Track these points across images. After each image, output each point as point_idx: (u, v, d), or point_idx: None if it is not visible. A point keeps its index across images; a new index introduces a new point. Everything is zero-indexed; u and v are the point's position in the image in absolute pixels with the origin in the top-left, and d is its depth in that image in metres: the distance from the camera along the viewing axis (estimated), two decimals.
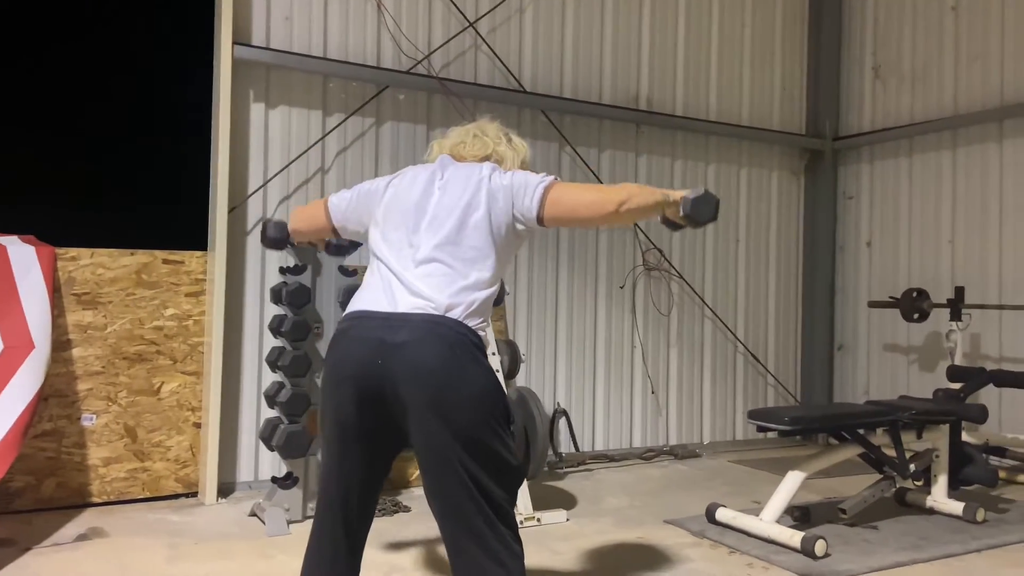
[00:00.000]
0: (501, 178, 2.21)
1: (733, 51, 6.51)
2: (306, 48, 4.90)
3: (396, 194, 2.28)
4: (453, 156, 2.38)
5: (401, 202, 2.25)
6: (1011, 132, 5.75)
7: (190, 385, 4.55)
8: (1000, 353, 5.74)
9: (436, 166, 2.33)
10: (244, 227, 4.73)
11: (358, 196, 2.38)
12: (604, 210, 2.08)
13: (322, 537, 2.14)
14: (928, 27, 6.33)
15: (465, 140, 2.39)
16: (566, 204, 2.11)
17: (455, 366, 1.98)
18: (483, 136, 2.39)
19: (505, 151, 2.39)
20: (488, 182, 2.20)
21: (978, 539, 3.98)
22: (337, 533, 2.12)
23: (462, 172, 2.26)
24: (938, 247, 6.20)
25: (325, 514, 2.13)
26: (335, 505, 2.11)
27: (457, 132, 2.44)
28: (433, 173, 2.29)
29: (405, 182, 2.30)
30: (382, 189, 2.33)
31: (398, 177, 2.35)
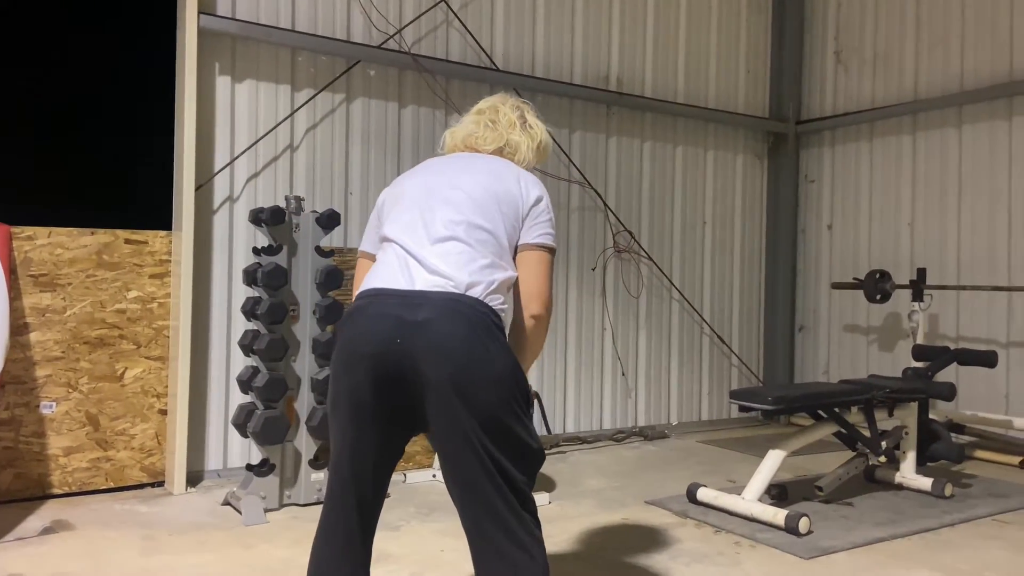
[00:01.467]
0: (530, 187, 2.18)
1: (700, 34, 6.52)
2: (274, 20, 4.71)
3: (405, 185, 2.23)
4: (467, 149, 2.32)
5: (412, 188, 2.19)
6: (970, 118, 5.89)
7: (155, 370, 4.37)
8: (958, 332, 5.91)
9: (450, 156, 2.29)
10: (211, 206, 4.54)
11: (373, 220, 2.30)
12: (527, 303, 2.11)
13: (335, 521, 2.04)
14: (890, 13, 6.43)
15: (477, 132, 2.32)
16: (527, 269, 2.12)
17: (476, 345, 1.91)
18: (496, 126, 2.32)
19: (519, 140, 2.32)
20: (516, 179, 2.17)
21: (949, 513, 4.09)
22: (351, 516, 2.03)
23: (480, 161, 2.22)
24: (898, 230, 6.34)
25: (338, 497, 2.04)
26: (348, 487, 2.02)
27: (470, 121, 2.36)
28: (447, 162, 2.25)
29: (418, 172, 2.26)
30: (387, 193, 2.29)
31: (408, 172, 2.32)
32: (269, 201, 4.69)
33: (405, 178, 2.27)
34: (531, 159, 2.37)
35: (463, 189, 2.12)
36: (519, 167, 2.26)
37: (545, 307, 2.13)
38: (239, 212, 4.62)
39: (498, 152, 2.32)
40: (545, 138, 2.41)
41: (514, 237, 2.13)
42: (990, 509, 4.18)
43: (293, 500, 4.04)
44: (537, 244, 2.14)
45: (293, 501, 4.04)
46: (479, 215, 2.08)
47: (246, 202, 4.65)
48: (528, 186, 2.18)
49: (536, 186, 2.20)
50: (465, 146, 2.34)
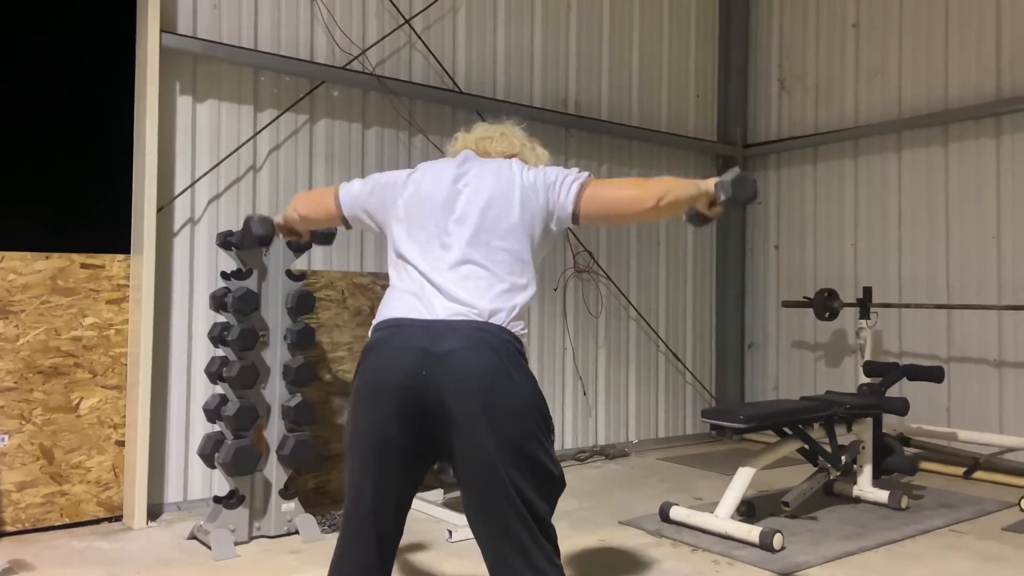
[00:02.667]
0: (534, 175, 2.14)
1: (652, 60, 6.67)
2: (236, 39, 4.62)
3: (418, 190, 2.17)
4: (477, 151, 2.29)
5: (425, 199, 2.14)
6: (908, 143, 6.18)
7: (112, 400, 4.19)
8: (900, 348, 6.16)
9: (460, 161, 2.23)
10: (171, 229, 4.41)
11: (373, 188, 2.26)
12: (643, 206, 2.02)
13: (352, 558, 2.00)
14: (831, 43, 6.71)
15: (492, 136, 2.31)
16: (604, 200, 2.06)
17: (503, 375, 1.91)
18: (510, 136, 2.33)
19: (528, 154, 2.33)
20: (520, 179, 2.12)
21: (908, 525, 4.24)
22: (369, 552, 2.00)
23: (490, 168, 2.18)
24: (842, 250, 6.59)
25: (356, 533, 2.00)
26: (367, 523, 1.98)
27: (483, 127, 2.36)
28: (458, 168, 2.19)
29: (427, 177, 2.20)
30: (402, 182, 2.22)
31: (418, 172, 2.24)
32: (232, 223, 4.58)
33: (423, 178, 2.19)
34: None
35: (478, 205, 2.09)
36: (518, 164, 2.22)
37: (654, 191, 2.00)
38: (200, 235, 4.50)
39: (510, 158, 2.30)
40: (548, 161, 2.43)
41: (539, 233, 2.10)
42: (945, 520, 4.35)
43: (263, 532, 3.92)
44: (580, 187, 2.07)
45: (263, 533, 3.92)
46: (495, 233, 2.06)
47: (207, 225, 4.52)
48: (531, 173, 2.16)
49: (543, 171, 2.17)
50: (477, 149, 2.32)
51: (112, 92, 4.39)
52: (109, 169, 4.35)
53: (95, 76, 4.39)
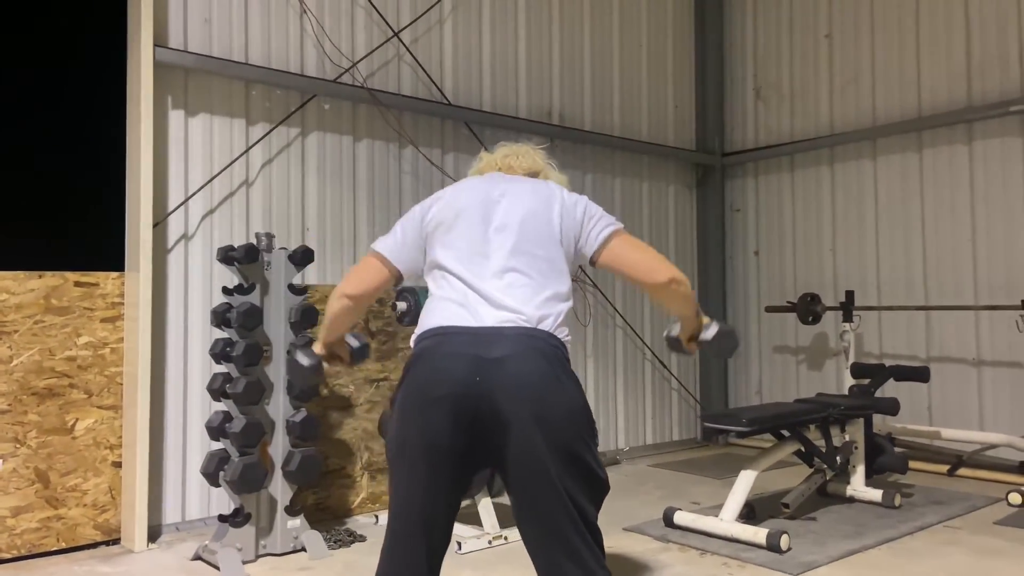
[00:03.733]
0: (574, 200, 2.18)
1: (632, 71, 6.77)
2: (227, 53, 4.58)
3: (451, 204, 2.19)
4: (502, 168, 2.33)
5: (460, 211, 2.16)
6: (883, 150, 6.35)
7: (108, 420, 4.11)
8: (881, 350, 6.31)
9: (491, 177, 2.27)
10: (165, 245, 4.34)
11: (405, 227, 2.25)
12: (655, 278, 2.09)
13: (402, 566, 1.99)
14: (804, 53, 6.88)
15: (516, 153, 2.36)
16: (626, 258, 2.11)
17: (554, 380, 1.93)
18: (532, 154, 2.38)
19: (550, 174, 2.38)
20: (561, 197, 2.17)
21: (904, 523, 4.34)
22: (419, 562, 1.99)
23: (526, 183, 2.23)
24: (821, 255, 6.73)
25: (405, 543, 1.99)
26: (418, 532, 1.98)
27: (506, 147, 2.41)
28: (491, 182, 2.24)
29: (459, 192, 2.23)
30: (428, 206, 2.24)
31: (445, 191, 2.27)
32: (225, 239, 4.53)
33: (453, 198, 2.21)
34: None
35: (518, 215, 2.12)
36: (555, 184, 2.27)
37: (671, 269, 2.10)
38: (194, 251, 4.44)
39: (532, 175, 2.35)
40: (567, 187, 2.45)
41: (572, 253, 2.14)
42: (938, 516, 4.46)
43: (269, 550, 3.87)
44: (611, 234, 2.13)
45: (269, 551, 3.87)
46: (535, 243, 2.09)
47: (202, 240, 4.47)
48: (573, 197, 2.20)
49: (581, 197, 2.22)
50: (502, 167, 2.36)
51: (103, 107, 4.33)
52: (101, 186, 4.28)
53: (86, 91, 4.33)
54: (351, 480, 4.68)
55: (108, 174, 4.25)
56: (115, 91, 4.25)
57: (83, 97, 4.35)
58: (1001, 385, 5.63)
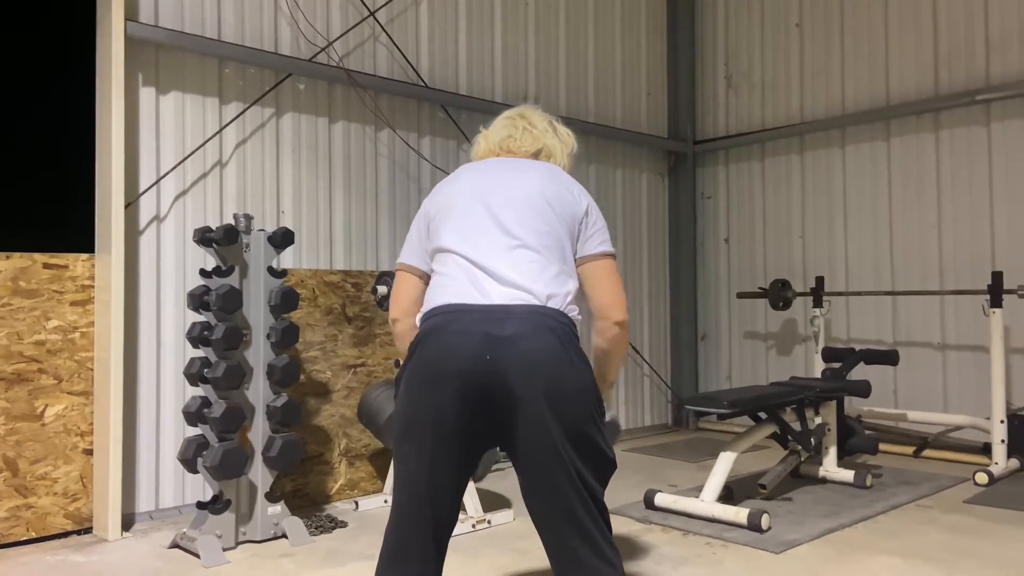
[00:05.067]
0: (581, 195, 2.17)
1: (606, 57, 6.77)
2: (199, 29, 4.46)
3: (449, 193, 2.17)
4: (501, 152, 2.30)
5: (464, 192, 2.13)
6: (852, 138, 6.45)
7: (78, 407, 3.99)
8: (849, 335, 6.43)
9: (492, 162, 2.24)
10: (136, 227, 4.22)
11: (415, 230, 2.23)
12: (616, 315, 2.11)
13: (409, 545, 1.96)
14: (775, 42, 6.95)
15: (514, 134, 2.31)
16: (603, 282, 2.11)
17: (564, 358, 1.91)
18: (531, 129, 2.32)
19: (554, 144, 2.34)
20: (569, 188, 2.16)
21: (877, 502, 4.43)
22: (427, 541, 1.96)
23: (529, 168, 2.19)
24: (790, 242, 6.82)
25: (412, 520, 1.95)
26: (425, 511, 1.95)
27: (503, 125, 2.35)
28: (490, 168, 2.21)
29: (457, 181, 2.20)
30: (428, 201, 2.23)
31: (445, 183, 2.24)
32: (199, 220, 4.42)
33: (448, 185, 2.20)
34: (565, 164, 2.38)
35: (521, 192, 2.09)
36: (564, 172, 2.26)
37: (624, 313, 2.14)
38: (167, 233, 4.32)
39: (535, 156, 2.32)
40: (575, 145, 2.44)
41: (572, 244, 2.13)
42: (909, 496, 4.56)
43: (249, 537, 3.80)
44: (601, 253, 2.14)
45: (249, 538, 3.80)
46: (540, 220, 2.07)
47: (174, 222, 4.35)
48: (579, 194, 2.18)
49: (585, 195, 2.21)
50: (501, 149, 2.32)
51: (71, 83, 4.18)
52: (70, 165, 4.14)
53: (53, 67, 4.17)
54: (329, 467, 4.62)
55: (77, 153, 4.11)
56: (84, 67, 4.11)
57: (50, 73, 4.20)
58: (965, 368, 5.77)
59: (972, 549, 3.59)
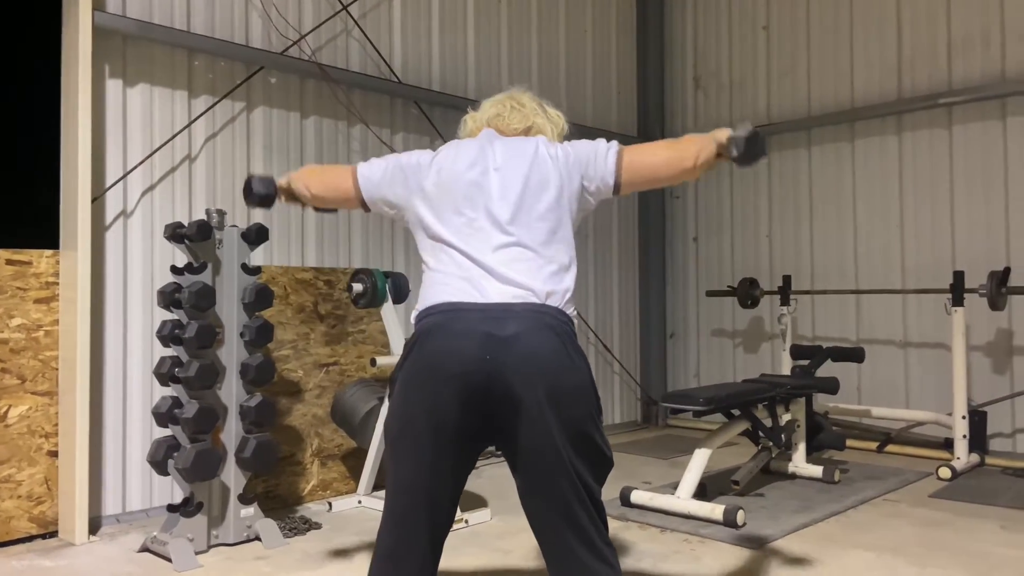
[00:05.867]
0: (565, 152, 2.13)
1: (577, 56, 6.79)
2: (168, 20, 4.35)
3: (447, 172, 2.11)
4: (491, 128, 2.26)
5: (455, 181, 2.09)
6: (817, 139, 6.56)
7: (42, 407, 3.87)
8: (814, 333, 6.53)
9: (482, 141, 2.18)
10: (102, 222, 4.10)
11: (395, 169, 2.18)
12: (683, 165, 2.07)
13: (406, 548, 1.93)
14: (743, 44, 7.03)
15: (502, 112, 2.28)
16: (645, 166, 2.09)
17: (565, 358, 1.90)
18: (521, 108, 2.30)
19: (543, 123, 2.32)
20: (555, 159, 2.11)
21: (846, 497, 4.51)
22: (423, 542, 1.93)
23: (516, 147, 2.14)
24: (757, 241, 6.91)
25: (409, 523, 1.92)
26: (422, 511, 1.92)
27: (491, 104, 2.33)
28: (482, 149, 2.14)
29: (454, 159, 2.14)
30: (427, 164, 2.16)
31: (441, 155, 2.18)
32: (167, 216, 4.32)
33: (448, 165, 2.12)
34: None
35: (515, 185, 2.06)
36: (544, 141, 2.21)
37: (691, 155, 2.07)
38: (134, 229, 4.22)
39: (525, 134, 2.28)
40: (565, 126, 2.42)
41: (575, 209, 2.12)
42: (876, 491, 4.65)
43: (221, 540, 3.72)
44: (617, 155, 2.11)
45: (221, 541, 3.72)
46: (535, 212, 2.04)
47: (141, 218, 4.24)
48: (562, 150, 2.15)
49: (568, 144, 2.18)
50: (490, 127, 2.29)
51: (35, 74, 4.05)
52: (34, 159, 4.01)
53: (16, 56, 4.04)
54: (301, 467, 4.55)
55: (41, 146, 3.98)
56: (49, 57, 3.98)
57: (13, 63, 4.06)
58: (926, 365, 5.91)
59: (942, 542, 3.68)
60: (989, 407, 5.52)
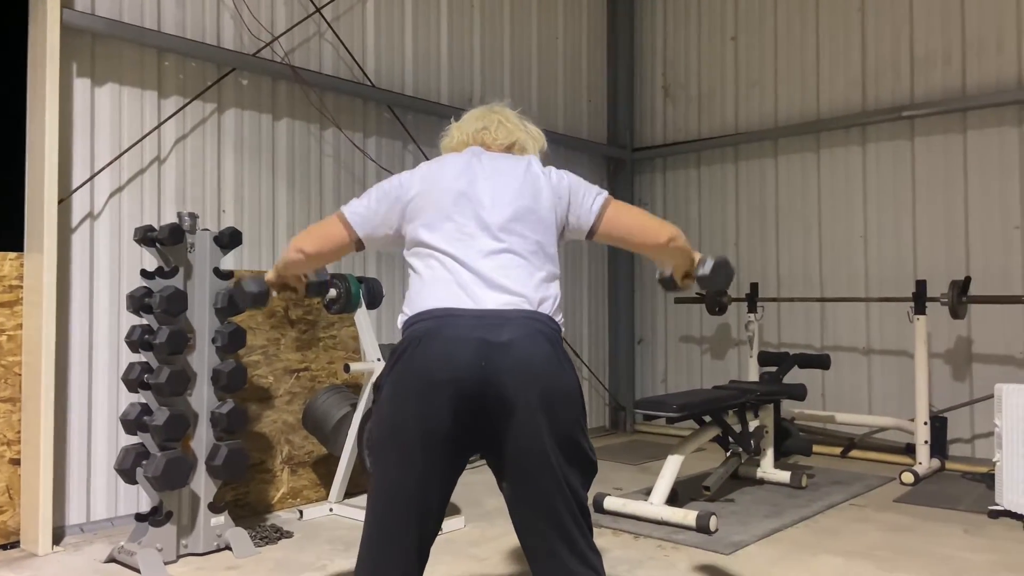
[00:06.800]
0: (558, 177, 2.15)
1: (549, 66, 6.82)
2: (138, 19, 4.27)
3: (428, 180, 2.10)
4: (477, 143, 2.26)
5: (440, 189, 2.07)
6: (784, 149, 6.67)
7: (4, 414, 3.76)
8: (779, 339, 6.64)
9: (469, 155, 2.18)
10: (68, 225, 4.01)
11: (378, 195, 2.15)
12: (657, 239, 2.10)
13: (389, 558, 1.91)
14: (711, 55, 7.13)
15: (488, 127, 2.28)
16: (623, 224, 2.11)
17: (557, 364, 1.90)
18: (505, 123, 2.30)
19: (526, 140, 2.32)
20: (547, 179, 2.12)
21: (814, 502, 4.58)
22: (410, 551, 1.91)
23: (506, 160, 2.15)
24: (724, 249, 7.00)
25: (396, 532, 1.90)
26: (411, 519, 1.90)
27: (476, 117, 2.32)
28: (469, 162, 2.14)
29: (434, 170, 2.13)
30: (407, 181, 2.14)
31: (424, 168, 2.17)
32: (135, 218, 4.23)
33: (434, 176, 2.11)
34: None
35: (504, 197, 2.06)
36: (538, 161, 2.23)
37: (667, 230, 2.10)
38: (101, 231, 4.12)
39: (509, 149, 2.28)
40: (544, 143, 2.43)
41: (560, 233, 2.12)
42: (843, 495, 4.74)
43: (191, 550, 3.65)
44: (602, 203, 2.12)
45: (191, 551, 3.65)
46: (524, 224, 2.04)
47: (109, 220, 4.15)
48: (557, 174, 2.16)
49: (564, 175, 2.18)
50: (474, 141, 2.28)
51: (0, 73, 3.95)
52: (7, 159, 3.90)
53: None
54: (271, 475, 4.48)
55: (5, 146, 3.87)
56: (14, 54, 3.88)
57: None
58: (888, 372, 6.04)
59: (908, 547, 3.75)
60: (949, 413, 5.66)
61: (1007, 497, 4.19)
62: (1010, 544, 3.78)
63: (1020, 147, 5.52)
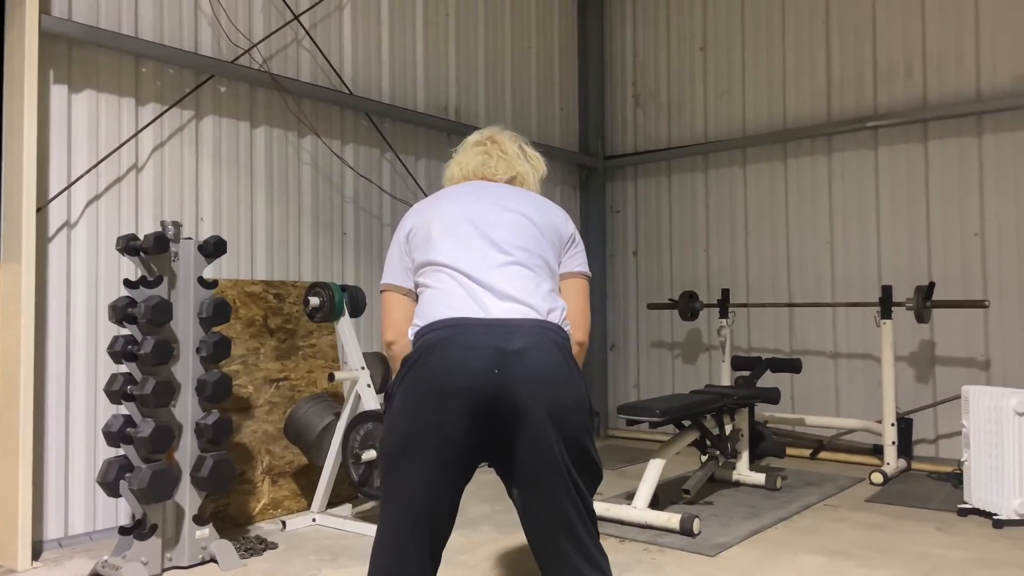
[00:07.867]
0: (566, 221, 2.24)
1: (522, 74, 6.88)
2: (115, 26, 4.22)
3: (431, 211, 2.16)
4: (478, 177, 2.33)
5: (444, 213, 2.14)
6: (752, 158, 6.82)
7: None
8: (749, 344, 6.77)
9: (476, 184, 2.26)
10: (45, 234, 3.93)
11: (393, 249, 2.21)
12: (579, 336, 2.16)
13: (404, 565, 1.93)
14: (681, 64, 7.26)
15: (488, 162, 2.33)
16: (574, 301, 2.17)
17: (567, 372, 1.94)
18: (504, 156, 2.35)
19: (526, 170, 2.38)
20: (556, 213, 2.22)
21: (790, 503, 4.69)
22: (424, 558, 1.93)
23: (510, 189, 2.24)
24: (695, 255, 7.12)
25: (407, 540, 1.92)
26: (424, 527, 1.92)
27: (476, 152, 2.35)
28: (472, 187, 2.23)
29: (435, 199, 2.21)
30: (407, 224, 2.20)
31: (423, 200, 2.25)
32: (113, 227, 4.17)
33: (431, 206, 2.19)
34: (536, 189, 2.43)
35: (509, 215, 2.12)
36: (546, 200, 2.30)
37: (588, 334, 2.22)
38: (78, 241, 4.06)
39: (510, 182, 2.34)
40: (544, 169, 2.48)
41: (557, 259, 2.18)
42: (817, 496, 4.86)
43: (176, 563, 3.60)
44: (579, 272, 2.21)
45: (176, 564, 3.60)
46: (530, 240, 2.10)
47: (86, 229, 4.08)
48: (566, 220, 2.25)
49: (570, 221, 2.28)
50: (476, 176, 2.34)
51: None
52: None
53: None
54: (252, 485, 4.44)
55: None
56: None
57: None
58: (855, 375, 6.20)
59: (884, 545, 3.87)
60: (914, 414, 5.83)
61: (975, 495, 4.34)
62: (982, 541, 3.92)
63: (979, 156, 5.72)
